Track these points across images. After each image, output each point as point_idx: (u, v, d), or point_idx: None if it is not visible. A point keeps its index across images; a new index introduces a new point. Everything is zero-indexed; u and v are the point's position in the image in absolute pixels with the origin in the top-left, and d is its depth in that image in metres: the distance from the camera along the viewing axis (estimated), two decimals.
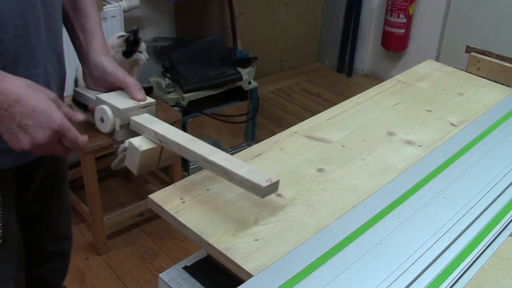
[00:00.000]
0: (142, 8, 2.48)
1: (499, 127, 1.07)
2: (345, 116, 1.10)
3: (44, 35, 0.87)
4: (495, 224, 0.80)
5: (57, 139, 0.76)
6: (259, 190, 0.74)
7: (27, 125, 0.73)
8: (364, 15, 3.41)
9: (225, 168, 0.76)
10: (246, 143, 2.55)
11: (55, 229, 1.14)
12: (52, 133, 0.74)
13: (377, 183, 0.89)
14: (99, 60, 0.92)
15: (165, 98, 2.21)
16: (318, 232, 0.77)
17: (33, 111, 0.73)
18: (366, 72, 3.60)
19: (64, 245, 1.18)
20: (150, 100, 0.90)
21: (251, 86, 2.42)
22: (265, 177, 0.75)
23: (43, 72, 0.88)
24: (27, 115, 0.72)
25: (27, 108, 0.72)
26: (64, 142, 0.77)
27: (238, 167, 0.77)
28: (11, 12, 0.79)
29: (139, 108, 0.87)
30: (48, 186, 1.07)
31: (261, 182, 0.74)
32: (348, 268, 0.71)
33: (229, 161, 0.78)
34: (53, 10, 0.88)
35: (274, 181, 0.75)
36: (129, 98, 0.88)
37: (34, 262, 1.13)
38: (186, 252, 2.00)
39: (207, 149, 0.80)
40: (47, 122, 0.73)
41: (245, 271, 0.69)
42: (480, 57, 1.34)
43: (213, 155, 0.79)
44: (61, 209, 1.13)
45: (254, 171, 0.76)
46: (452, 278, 0.70)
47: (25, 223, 1.03)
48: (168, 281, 0.77)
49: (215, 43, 2.39)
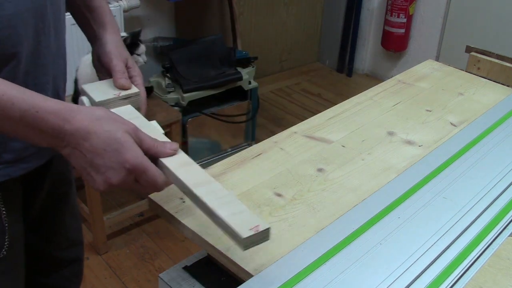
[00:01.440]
0: (142, 8, 2.48)
1: (499, 127, 1.07)
2: (345, 116, 1.10)
3: (53, 41, 0.83)
4: (495, 224, 0.80)
5: (133, 179, 0.69)
6: (239, 240, 0.61)
7: (98, 165, 0.67)
8: (364, 15, 3.41)
9: (207, 206, 0.65)
10: (246, 143, 2.55)
11: (66, 235, 1.09)
12: (126, 174, 0.67)
13: (377, 183, 0.89)
14: (104, 38, 0.88)
15: (165, 98, 2.21)
16: (318, 232, 0.77)
17: (104, 150, 0.66)
18: (366, 72, 3.60)
19: (76, 250, 1.13)
20: (133, 90, 0.83)
21: (251, 86, 2.42)
22: (253, 223, 0.61)
23: (51, 78, 0.85)
24: (98, 154, 0.66)
25: (97, 147, 0.66)
26: (141, 182, 0.70)
27: (225, 205, 0.64)
28: (26, 24, 0.75)
29: (120, 99, 0.80)
30: (56, 192, 1.03)
31: (242, 230, 0.60)
32: (348, 268, 0.71)
33: (218, 195, 0.66)
34: (59, 14, 0.85)
35: (262, 229, 0.61)
36: (114, 87, 0.82)
37: (47, 270, 1.09)
38: (186, 252, 2.00)
39: (199, 177, 0.69)
40: (119, 162, 0.67)
41: (245, 271, 0.69)
42: (480, 57, 1.34)
43: (202, 185, 0.67)
44: (71, 214, 1.09)
45: (243, 213, 0.63)
46: (452, 278, 0.70)
47: (36, 232, 1.00)
48: (168, 281, 0.77)
49: (215, 43, 2.39)
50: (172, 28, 2.74)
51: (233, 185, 0.86)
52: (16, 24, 0.73)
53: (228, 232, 0.63)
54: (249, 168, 0.91)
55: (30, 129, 0.66)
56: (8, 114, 0.64)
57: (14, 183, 0.86)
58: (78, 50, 1.99)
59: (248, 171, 0.90)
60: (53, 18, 0.82)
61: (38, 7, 0.77)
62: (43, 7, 0.78)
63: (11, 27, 0.72)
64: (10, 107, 0.64)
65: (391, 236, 0.77)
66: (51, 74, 0.84)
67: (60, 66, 0.89)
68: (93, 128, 0.67)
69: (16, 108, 0.64)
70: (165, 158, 0.71)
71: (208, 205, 0.65)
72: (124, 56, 0.88)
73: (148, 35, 2.58)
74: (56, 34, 0.84)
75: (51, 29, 0.81)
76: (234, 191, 0.85)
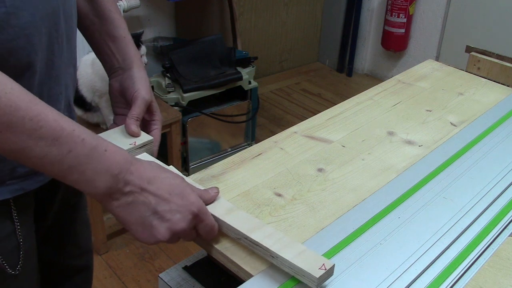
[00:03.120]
0: (142, 8, 2.48)
1: (499, 127, 1.07)
2: (345, 116, 1.10)
3: (66, 50, 0.80)
4: (495, 224, 0.80)
5: (194, 225, 0.67)
6: (312, 280, 0.64)
7: (164, 211, 0.64)
8: (364, 15, 3.41)
9: (269, 250, 0.67)
10: (246, 143, 2.55)
11: (77, 244, 1.08)
12: (192, 217, 0.66)
13: (377, 183, 0.89)
14: (133, 72, 0.85)
15: (165, 98, 2.21)
16: (318, 232, 0.77)
17: (169, 194, 0.64)
18: (366, 72, 3.60)
19: (86, 258, 1.12)
20: (147, 137, 0.82)
21: (251, 86, 2.42)
22: (319, 262, 0.65)
23: (64, 88, 0.82)
24: (164, 199, 0.64)
25: (162, 191, 0.64)
26: (200, 229, 0.68)
27: (286, 247, 0.67)
28: (39, 33, 0.72)
29: (136, 149, 0.80)
30: (68, 203, 1.00)
31: (314, 270, 0.64)
32: (348, 268, 0.71)
33: (275, 238, 0.68)
34: (72, 22, 0.82)
35: (328, 267, 0.65)
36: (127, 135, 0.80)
37: (59, 279, 1.08)
38: (186, 252, 2.00)
39: (250, 223, 0.71)
40: (186, 206, 0.65)
41: (245, 271, 0.69)
42: (480, 57, 1.34)
43: (256, 230, 0.69)
44: (81, 222, 1.07)
45: (305, 253, 0.67)
46: (452, 278, 0.70)
47: (48, 242, 0.98)
48: (168, 281, 0.77)
49: (215, 43, 2.39)
50: (172, 28, 2.74)
51: (233, 185, 0.86)
52: (31, 33, 0.70)
53: (295, 272, 0.66)
54: (249, 168, 0.91)
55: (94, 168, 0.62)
56: (77, 151, 0.61)
57: (28, 197, 0.82)
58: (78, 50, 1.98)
59: (248, 171, 0.90)
60: (66, 26, 0.79)
61: (52, 15, 0.74)
62: (56, 15, 0.75)
63: (26, 36, 0.69)
64: (80, 143, 0.61)
65: (391, 236, 0.77)
66: (63, 83, 0.82)
67: (71, 75, 0.86)
68: (154, 173, 0.65)
69: (86, 144, 0.61)
70: (212, 210, 0.71)
71: (270, 249, 0.67)
72: (150, 99, 0.84)
73: (148, 35, 2.58)
74: (68, 42, 0.81)
75: (63, 38, 0.79)
76: (234, 191, 0.85)
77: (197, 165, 2.34)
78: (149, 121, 0.87)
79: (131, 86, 0.84)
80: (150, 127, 0.87)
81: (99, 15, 0.88)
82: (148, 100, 0.84)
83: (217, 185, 0.86)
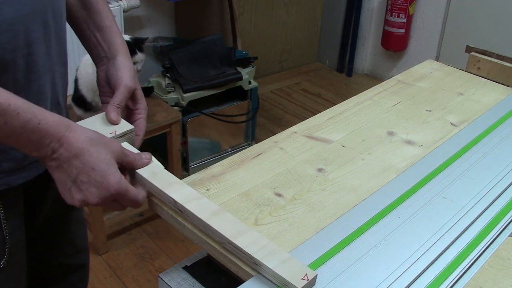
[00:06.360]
0: (142, 8, 2.49)
1: (499, 127, 1.07)
2: (345, 116, 1.10)
3: (54, 48, 0.82)
4: (495, 224, 0.80)
5: (111, 200, 0.72)
6: None
7: (82, 182, 0.69)
8: (364, 15, 3.41)
9: (252, 257, 0.67)
10: (246, 143, 2.55)
11: (72, 242, 1.09)
12: (108, 195, 0.70)
13: (377, 183, 0.89)
14: (118, 60, 0.86)
15: (165, 98, 2.21)
16: (318, 232, 0.77)
17: (92, 169, 0.68)
18: (366, 72, 3.60)
19: (82, 256, 1.13)
20: (128, 126, 0.82)
21: (251, 86, 2.42)
22: (302, 272, 0.65)
23: (51, 85, 0.84)
24: (85, 172, 0.68)
25: (85, 166, 0.68)
26: (122, 203, 0.73)
27: (269, 255, 0.66)
28: (26, 29, 0.74)
29: (116, 138, 0.79)
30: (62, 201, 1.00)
31: (296, 281, 0.64)
32: (348, 268, 0.71)
33: (260, 245, 0.68)
34: (61, 20, 0.83)
35: (311, 277, 0.65)
36: (108, 123, 0.81)
37: (54, 278, 1.08)
38: (186, 252, 2.00)
39: (235, 227, 0.70)
40: (103, 184, 0.69)
41: (245, 271, 0.69)
42: (480, 57, 1.34)
43: (241, 235, 0.69)
44: (76, 221, 1.08)
45: (289, 261, 0.66)
46: (452, 278, 0.70)
47: (43, 240, 0.99)
48: (168, 281, 0.77)
49: (215, 43, 2.39)
50: (172, 28, 2.74)
51: (233, 185, 0.86)
52: (16, 29, 0.72)
53: (278, 280, 0.66)
54: (249, 168, 0.91)
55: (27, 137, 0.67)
56: (12, 123, 0.65)
57: (15, 192, 0.84)
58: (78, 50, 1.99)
59: (248, 171, 0.90)
60: (54, 23, 0.80)
61: (39, 13, 0.76)
62: (44, 13, 0.77)
63: (10, 31, 0.71)
64: (15, 117, 0.65)
65: (391, 236, 0.77)
66: (51, 81, 0.83)
67: (61, 73, 0.87)
68: (86, 145, 0.69)
69: (20, 118, 0.65)
70: (197, 213, 0.72)
71: (254, 256, 0.67)
72: (133, 86, 0.85)
73: (148, 35, 2.58)
74: (57, 41, 0.83)
75: (52, 36, 0.80)
76: (234, 191, 0.85)
77: (197, 165, 2.34)
78: (134, 110, 0.87)
79: (114, 73, 0.85)
80: (134, 116, 0.87)
81: (86, 6, 0.89)
82: (131, 87, 0.84)
83: (217, 185, 0.86)
